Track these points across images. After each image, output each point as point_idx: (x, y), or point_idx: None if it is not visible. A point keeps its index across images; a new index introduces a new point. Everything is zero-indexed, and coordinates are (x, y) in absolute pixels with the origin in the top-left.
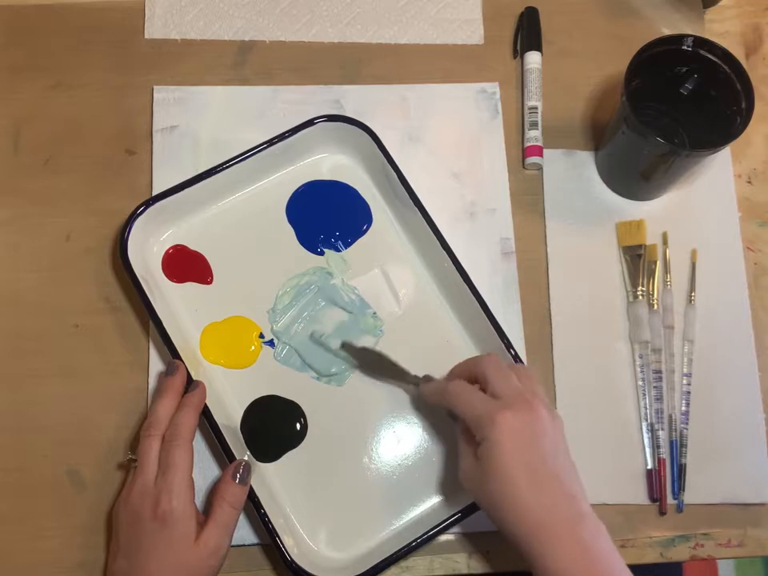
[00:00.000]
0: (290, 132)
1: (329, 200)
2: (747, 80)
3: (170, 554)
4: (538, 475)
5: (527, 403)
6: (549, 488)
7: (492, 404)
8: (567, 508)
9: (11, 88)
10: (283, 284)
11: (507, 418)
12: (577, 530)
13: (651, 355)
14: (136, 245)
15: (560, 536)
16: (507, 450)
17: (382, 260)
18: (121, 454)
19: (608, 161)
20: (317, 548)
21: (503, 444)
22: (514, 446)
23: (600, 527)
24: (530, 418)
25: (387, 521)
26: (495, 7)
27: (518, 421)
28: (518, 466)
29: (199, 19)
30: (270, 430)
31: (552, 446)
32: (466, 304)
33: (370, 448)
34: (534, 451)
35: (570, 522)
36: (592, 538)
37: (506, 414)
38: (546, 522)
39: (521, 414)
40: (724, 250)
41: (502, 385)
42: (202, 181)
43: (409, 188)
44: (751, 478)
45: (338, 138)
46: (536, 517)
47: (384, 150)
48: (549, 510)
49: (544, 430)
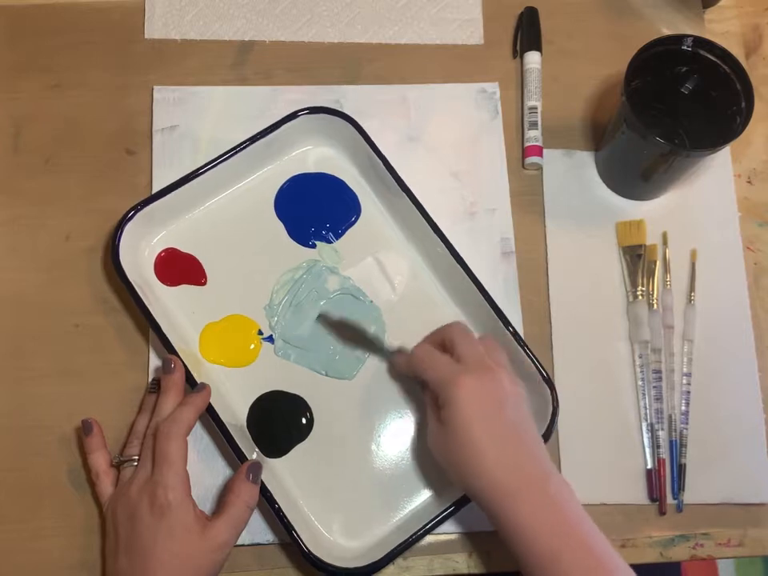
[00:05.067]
0: (272, 127)
1: (316, 192)
2: (747, 80)
3: (171, 546)
4: (500, 437)
5: (489, 369)
6: (513, 450)
7: (455, 367)
8: (532, 468)
9: (11, 88)
10: (278, 279)
11: (468, 381)
12: (543, 485)
13: (651, 355)
14: (128, 251)
15: (525, 491)
16: (468, 411)
17: (374, 248)
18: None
19: (608, 161)
20: (332, 538)
21: (464, 406)
22: (475, 408)
23: (570, 489)
24: (490, 382)
25: (401, 505)
26: (495, 7)
27: (479, 384)
28: (479, 427)
29: (199, 19)
30: (277, 426)
31: (514, 412)
32: (461, 285)
33: (377, 435)
34: (495, 414)
35: (535, 478)
36: (558, 493)
37: (467, 376)
38: (510, 480)
39: (482, 378)
40: (724, 250)
41: (467, 349)
42: (190, 182)
43: (395, 174)
44: (751, 478)
45: (322, 129)
46: (500, 476)
47: (368, 138)
48: (513, 469)
49: (505, 394)
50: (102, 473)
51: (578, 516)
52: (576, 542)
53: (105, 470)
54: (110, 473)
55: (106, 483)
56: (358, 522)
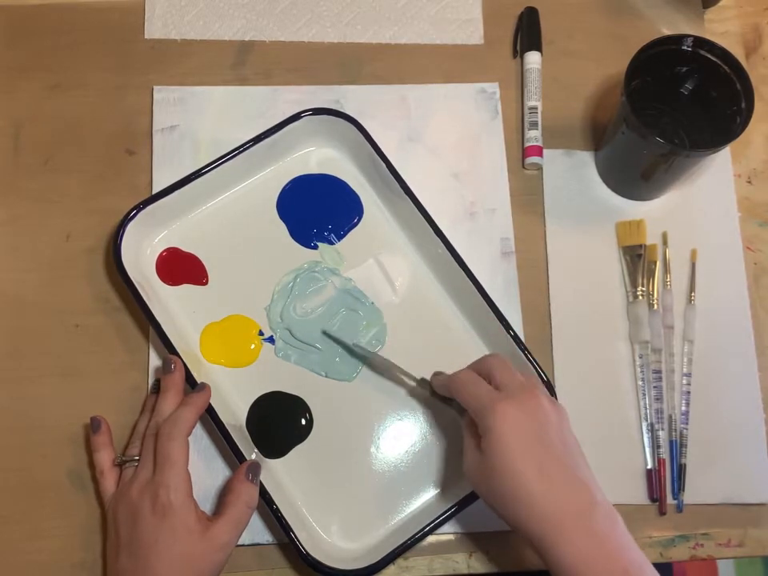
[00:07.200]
0: (276, 127)
1: (319, 194)
2: (747, 80)
3: (172, 547)
4: (544, 466)
5: (528, 392)
6: (557, 478)
7: (495, 394)
8: (578, 498)
9: (11, 88)
10: (279, 280)
11: (508, 408)
12: (590, 521)
13: (651, 355)
14: (129, 250)
15: (572, 529)
16: (510, 440)
17: (376, 250)
18: (121, 453)
19: (608, 161)
20: (330, 540)
21: (505, 434)
22: (517, 436)
23: (615, 517)
24: (531, 407)
25: (399, 507)
26: (495, 7)
27: (520, 410)
28: (522, 456)
29: (199, 19)
30: (276, 426)
31: (557, 435)
32: (462, 288)
33: (376, 437)
34: (538, 441)
35: (583, 513)
36: (607, 530)
37: (507, 403)
38: (556, 515)
39: (522, 404)
40: (724, 250)
41: (506, 377)
42: (192, 181)
43: (397, 176)
44: (751, 478)
45: (325, 131)
46: (545, 510)
47: (371, 139)
48: (559, 502)
49: (547, 418)
50: (105, 471)
51: (625, 555)
52: None
53: (109, 468)
54: (114, 472)
55: (109, 482)
56: (357, 523)
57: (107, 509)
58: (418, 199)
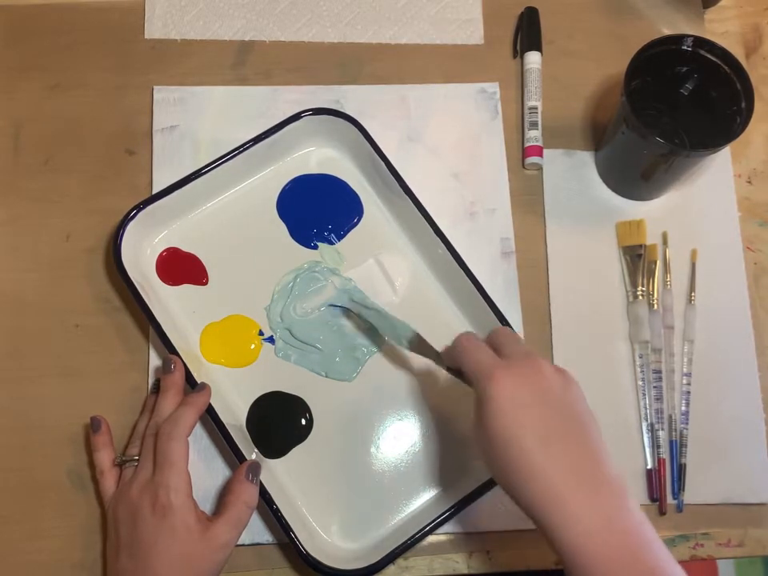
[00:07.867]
0: (276, 127)
1: (319, 193)
2: (747, 80)
3: (172, 547)
4: (548, 434)
5: (530, 359)
6: (563, 448)
7: (496, 360)
8: (586, 471)
9: (11, 88)
10: (279, 280)
11: (507, 374)
12: (598, 497)
13: (651, 355)
14: (129, 250)
15: (578, 504)
16: (506, 407)
17: (376, 250)
18: (121, 453)
19: (608, 161)
20: (330, 540)
21: (501, 401)
22: (515, 403)
23: (626, 492)
24: (531, 373)
25: (399, 507)
26: (495, 7)
27: (519, 376)
28: (521, 424)
29: (199, 19)
30: (276, 426)
31: (562, 404)
32: (462, 288)
33: (376, 437)
34: (539, 409)
35: (590, 487)
36: (616, 508)
37: (506, 369)
38: (560, 488)
39: (522, 369)
40: (724, 250)
41: (512, 347)
42: (192, 181)
43: (397, 176)
44: (751, 478)
45: (325, 130)
46: (548, 482)
47: (370, 139)
48: (563, 474)
49: (549, 385)
50: (106, 471)
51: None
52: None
53: (109, 468)
54: (114, 472)
55: (109, 482)
56: (357, 523)
57: (107, 509)
58: (418, 199)
